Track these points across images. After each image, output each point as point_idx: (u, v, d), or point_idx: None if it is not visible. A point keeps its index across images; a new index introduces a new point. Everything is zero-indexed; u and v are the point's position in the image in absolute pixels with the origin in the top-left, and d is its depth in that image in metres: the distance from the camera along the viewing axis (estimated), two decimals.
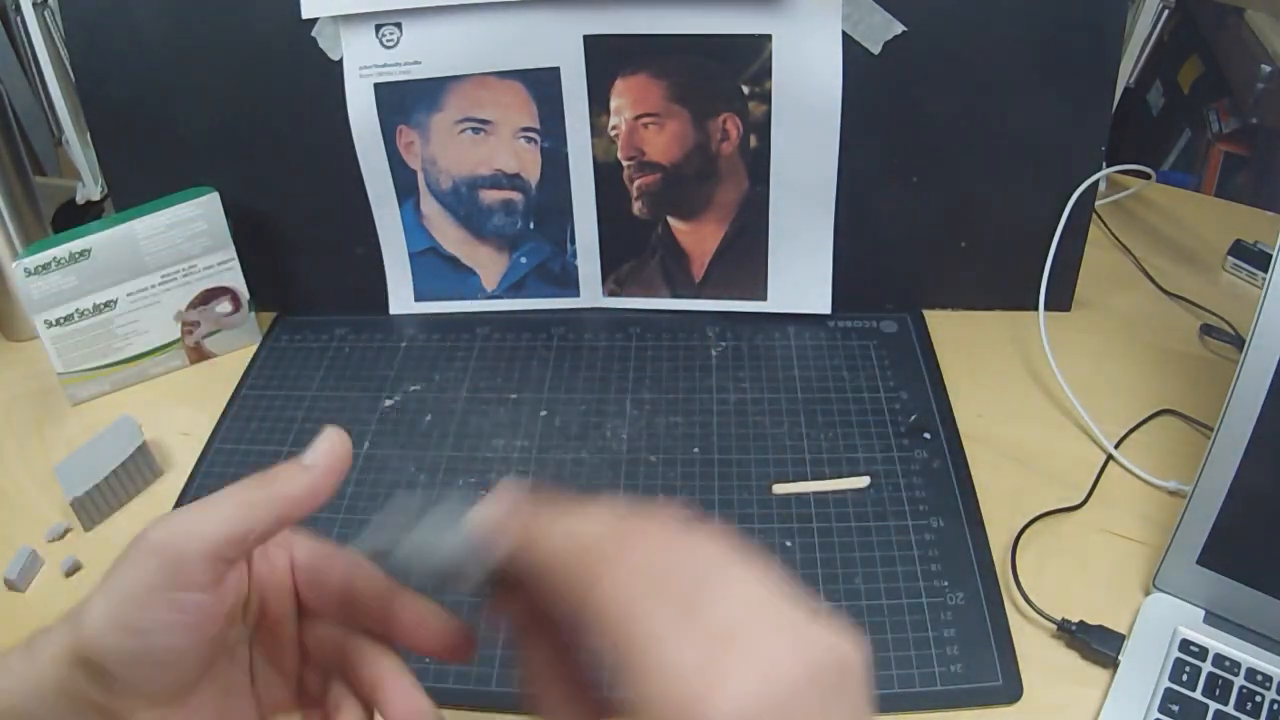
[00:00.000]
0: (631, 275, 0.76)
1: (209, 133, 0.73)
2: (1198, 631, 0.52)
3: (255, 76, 0.71)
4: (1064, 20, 0.65)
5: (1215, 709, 0.49)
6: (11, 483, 0.67)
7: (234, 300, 0.75)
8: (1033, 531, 0.59)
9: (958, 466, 0.63)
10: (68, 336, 0.70)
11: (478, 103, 0.70)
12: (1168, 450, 0.64)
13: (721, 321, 0.75)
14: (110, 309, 0.70)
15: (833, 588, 0.56)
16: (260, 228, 0.75)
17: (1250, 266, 0.77)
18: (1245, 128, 0.83)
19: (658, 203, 0.73)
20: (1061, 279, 0.72)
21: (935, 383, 0.69)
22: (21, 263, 0.66)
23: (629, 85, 0.69)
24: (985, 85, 0.67)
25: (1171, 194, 0.86)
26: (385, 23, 0.68)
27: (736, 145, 0.70)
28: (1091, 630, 0.53)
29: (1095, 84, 0.67)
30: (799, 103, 0.68)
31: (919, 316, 0.75)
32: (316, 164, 0.73)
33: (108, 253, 0.69)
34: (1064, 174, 0.69)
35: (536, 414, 0.68)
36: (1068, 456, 0.64)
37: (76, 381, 0.71)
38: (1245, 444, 0.50)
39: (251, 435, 0.69)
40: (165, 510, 0.62)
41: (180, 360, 0.75)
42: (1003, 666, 0.52)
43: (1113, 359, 0.71)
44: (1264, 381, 0.49)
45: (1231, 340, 0.71)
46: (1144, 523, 0.60)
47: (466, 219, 0.75)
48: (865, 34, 0.66)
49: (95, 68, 0.71)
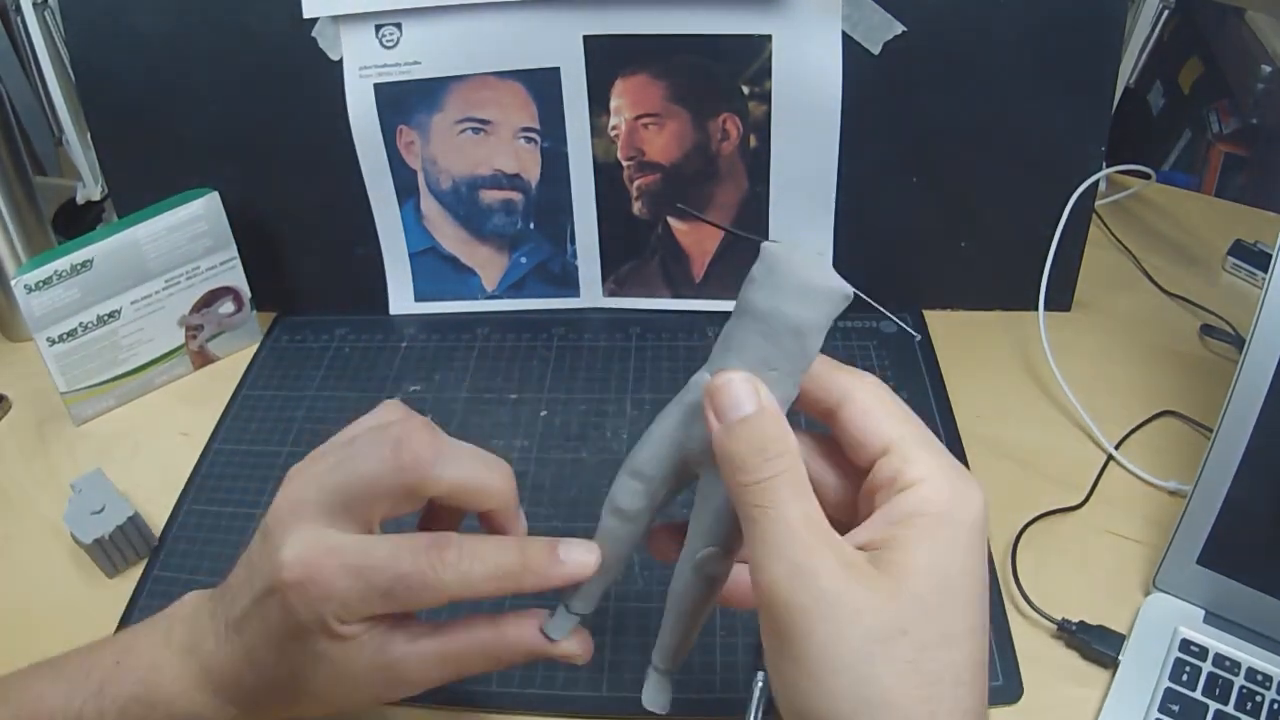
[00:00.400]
0: (631, 275, 0.76)
1: (209, 133, 0.73)
2: (1198, 631, 0.52)
3: (255, 76, 0.71)
4: (1064, 20, 0.65)
5: (1215, 709, 0.49)
6: (12, 482, 0.67)
7: (236, 299, 0.75)
8: (1032, 532, 0.59)
9: None
10: (71, 353, 0.68)
11: (478, 103, 0.70)
12: (1168, 450, 0.64)
13: (721, 321, 0.73)
14: (114, 319, 0.70)
15: None
16: (260, 228, 0.75)
17: (1250, 266, 0.77)
18: (1245, 128, 0.83)
19: (658, 203, 0.73)
20: (1061, 279, 0.72)
21: (935, 383, 0.69)
22: (21, 279, 0.65)
23: (629, 85, 0.69)
24: (985, 85, 0.67)
25: (1171, 194, 0.86)
26: (385, 23, 0.68)
27: (736, 145, 0.70)
28: (1091, 630, 0.53)
29: (1095, 84, 0.67)
30: (799, 103, 0.68)
31: (919, 316, 0.75)
32: (316, 164, 0.73)
33: (110, 262, 0.68)
34: (1064, 174, 0.69)
35: (536, 414, 0.68)
36: (1068, 456, 0.64)
37: (81, 399, 0.70)
38: (1245, 444, 0.50)
39: (252, 436, 0.69)
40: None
41: (185, 367, 0.75)
42: (1003, 666, 0.52)
43: (1113, 359, 0.71)
44: (1264, 381, 0.49)
45: (1231, 340, 0.71)
46: (1144, 523, 0.60)
47: (466, 219, 0.75)
48: (865, 34, 0.66)
49: (95, 68, 0.71)
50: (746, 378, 0.33)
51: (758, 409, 0.32)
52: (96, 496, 0.60)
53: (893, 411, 0.34)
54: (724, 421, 0.32)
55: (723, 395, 0.33)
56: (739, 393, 0.32)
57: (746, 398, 0.32)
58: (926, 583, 0.30)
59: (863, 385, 0.35)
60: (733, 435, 0.32)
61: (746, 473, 0.31)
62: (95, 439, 0.70)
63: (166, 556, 0.61)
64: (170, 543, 0.62)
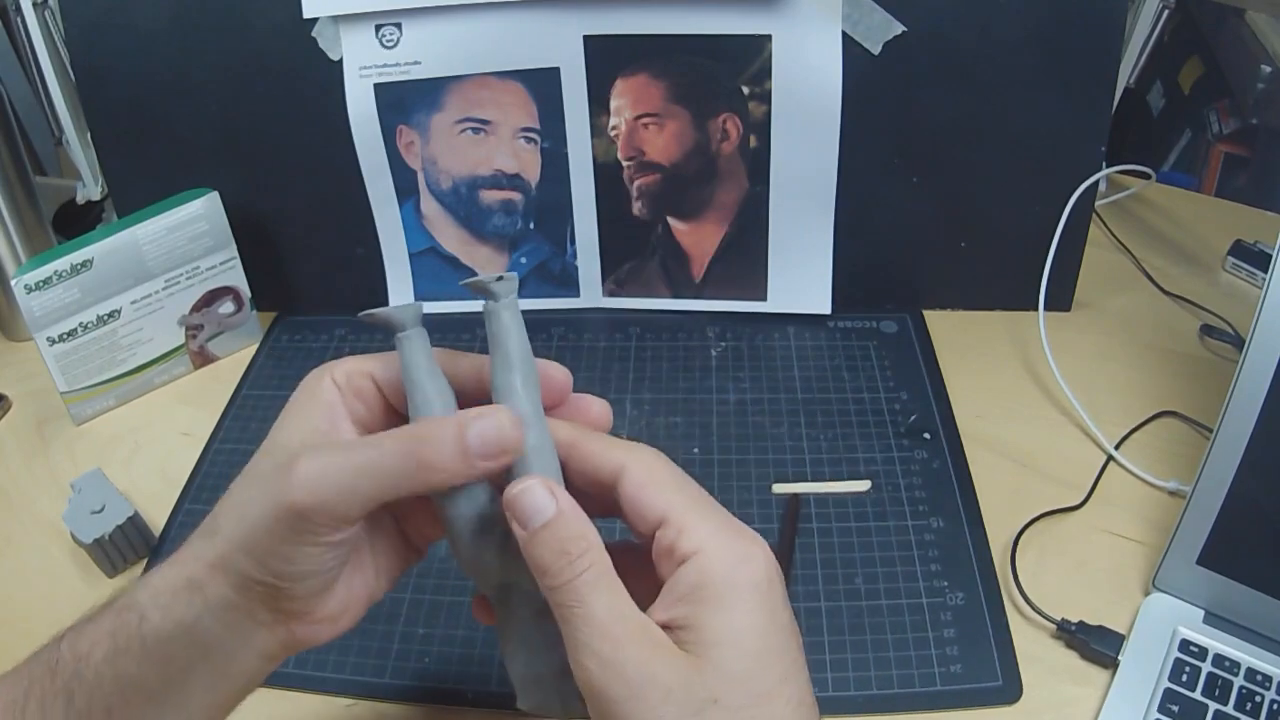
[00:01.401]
0: (631, 275, 0.76)
1: (209, 133, 0.73)
2: (1197, 631, 0.52)
3: (255, 76, 0.71)
4: (1064, 20, 0.65)
5: (1215, 709, 0.49)
6: (12, 482, 0.67)
7: (236, 299, 0.75)
8: (1032, 532, 0.59)
9: (957, 467, 0.63)
10: (71, 353, 0.68)
11: (478, 103, 0.70)
12: (1168, 450, 0.64)
13: (721, 321, 0.75)
14: (114, 319, 0.70)
15: (833, 588, 0.56)
16: (260, 228, 0.75)
17: (1250, 266, 0.77)
18: (1245, 128, 0.83)
19: (658, 203, 0.73)
20: (1061, 279, 0.72)
21: (935, 383, 0.69)
22: (21, 279, 0.65)
23: (629, 85, 0.69)
24: (985, 85, 0.67)
25: (1171, 194, 0.86)
26: (385, 23, 0.68)
27: (736, 145, 0.70)
28: (1091, 630, 0.53)
29: (1095, 84, 0.67)
30: (799, 103, 0.68)
31: (919, 316, 0.75)
32: (316, 164, 0.73)
33: (110, 262, 0.68)
34: (1064, 174, 0.69)
35: None
36: (1067, 456, 0.64)
37: (81, 399, 0.70)
38: (1245, 444, 0.50)
39: (252, 435, 0.69)
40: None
41: (185, 366, 0.75)
42: (1002, 667, 0.52)
43: (1113, 359, 0.71)
44: (1264, 381, 0.49)
45: (1231, 340, 0.71)
46: (1144, 523, 0.60)
47: (466, 219, 0.75)
48: (865, 34, 0.66)
49: (95, 68, 0.71)
50: (542, 481, 0.34)
51: (556, 513, 0.33)
52: (96, 496, 0.60)
53: (665, 481, 0.35)
54: (527, 530, 0.33)
55: (520, 503, 0.34)
56: (536, 500, 0.33)
57: (544, 503, 0.33)
58: (728, 652, 0.32)
59: (638, 458, 0.35)
60: (536, 541, 0.33)
61: (552, 576, 0.33)
62: (95, 439, 0.70)
63: (166, 556, 0.61)
64: (170, 543, 0.62)
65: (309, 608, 0.36)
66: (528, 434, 0.35)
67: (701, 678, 0.31)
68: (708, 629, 0.32)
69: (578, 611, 0.32)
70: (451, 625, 0.56)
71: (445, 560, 0.59)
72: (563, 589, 0.33)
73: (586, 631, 0.32)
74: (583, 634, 0.32)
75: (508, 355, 0.36)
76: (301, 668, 0.54)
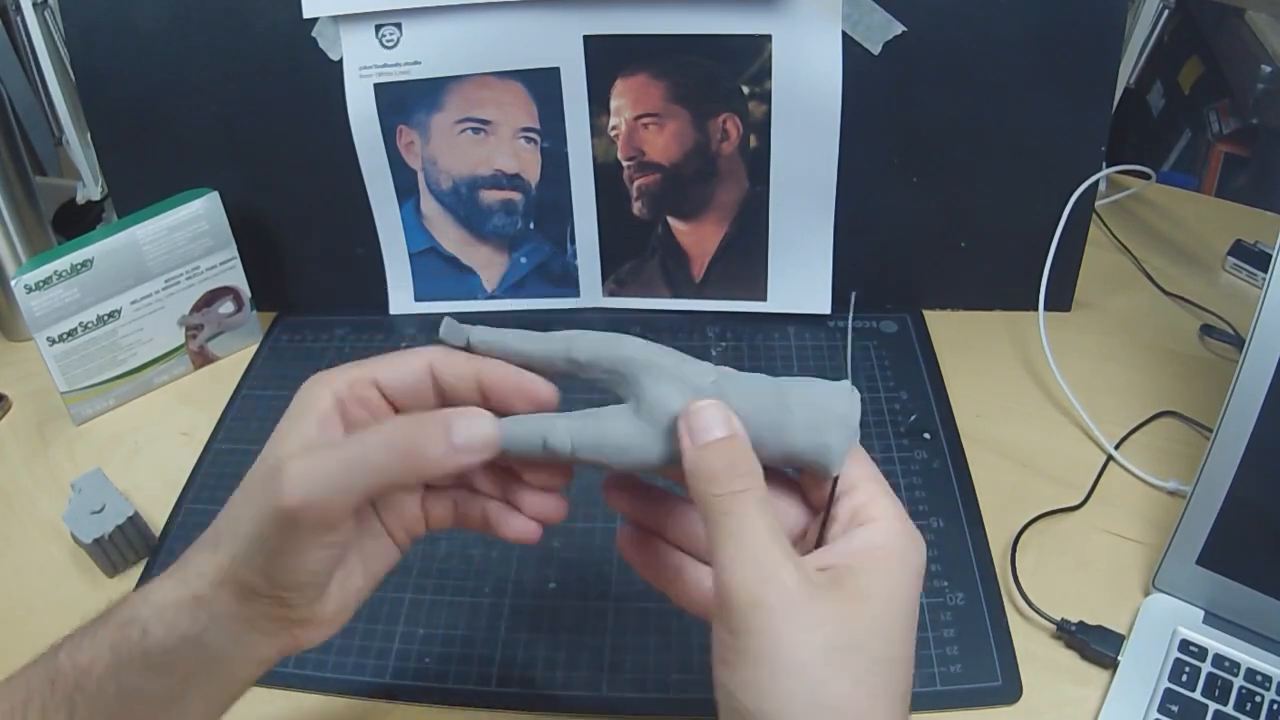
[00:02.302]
0: (631, 275, 0.76)
1: (209, 133, 0.73)
2: (1197, 632, 0.52)
3: (255, 76, 0.71)
4: (1064, 21, 0.65)
5: (1215, 709, 0.49)
6: (12, 482, 0.67)
7: (236, 299, 0.75)
8: (1032, 532, 0.59)
9: (957, 467, 0.63)
10: (71, 352, 0.68)
11: (478, 103, 0.70)
12: (1168, 451, 0.64)
13: (721, 321, 0.75)
14: (114, 319, 0.70)
15: None
16: (260, 228, 0.75)
17: (1250, 266, 0.77)
18: (1245, 128, 0.83)
19: (658, 203, 0.73)
20: (1061, 279, 0.72)
21: (935, 383, 0.69)
22: (21, 279, 0.65)
23: (629, 85, 0.69)
24: (985, 85, 0.67)
25: (1171, 194, 0.86)
26: (385, 23, 0.68)
27: (736, 145, 0.70)
28: (1091, 630, 0.53)
29: (1095, 84, 0.67)
30: (799, 103, 0.68)
31: (919, 316, 0.75)
32: (316, 164, 0.73)
33: (110, 261, 0.68)
34: (1064, 174, 0.69)
35: None
36: (1067, 456, 0.64)
37: (81, 399, 0.70)
38: (1245, 444, 0.50)
39: (252, 435, 0.69)
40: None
41: (185, 366, 0.75)
42: (1002, 667, 0.52)
43: (1113, 359, 0.71)
44: (1264, 381, 0.49)
45: (1231, 340, 0.71)
46: (1144, 523, 0.60)
47: (466, 219, 0.75)
48: (865, 34, 0.66)
49: (95, 68, 0.71)
50: (721, 406, 0.35)
51: (731, 434, 0.34)
52: (96, 496, 0.60)
53: (862, 458, 0.37)
54: (698, 442, 0.34)
55: (701, 417, 0.35)
56: (714, 417, 0.35)
57: (721, 423, 0.35)
58: (882, 608, 0.33)
59: None
60: (710, 451, 0.34)
61: (718, 484, 0.33)
62: (95, 439, 0.70)
63: (166, 556, 0.61)
64: (170, 542, 0.62)
65: (309, 614, 0.36)
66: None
67: (854, 621, 0.32)
68: (873, 580, 0.33)
69: (739, 519, 0.33)
70: (451, 625, 0.56)
71: (445, 560, 0.59)
72: (728, 497, 0.33)
73: (744, 535, 0.32)
74: (741, 537, 0.32)
75: (660, 369, 0.37)
76: (301, 668, 0.54)
